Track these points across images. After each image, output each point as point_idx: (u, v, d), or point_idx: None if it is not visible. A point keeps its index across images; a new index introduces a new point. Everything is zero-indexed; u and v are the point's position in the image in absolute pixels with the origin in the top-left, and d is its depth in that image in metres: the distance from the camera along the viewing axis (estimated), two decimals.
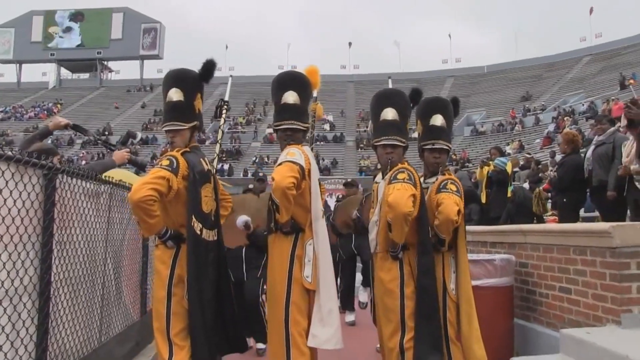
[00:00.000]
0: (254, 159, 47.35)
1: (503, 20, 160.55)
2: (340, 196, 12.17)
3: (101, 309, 4.99)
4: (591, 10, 63.89)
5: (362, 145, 50.22)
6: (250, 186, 7.53)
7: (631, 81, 38.31)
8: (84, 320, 4.51)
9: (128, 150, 5.53)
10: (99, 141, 6.49)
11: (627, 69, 44.24)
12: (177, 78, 4.03)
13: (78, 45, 72.42)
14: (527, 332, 5.41)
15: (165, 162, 3.75)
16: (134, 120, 58.27)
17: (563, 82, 52.43)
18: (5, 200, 3.24)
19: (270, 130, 52.53)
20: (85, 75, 75.06)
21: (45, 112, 60.94)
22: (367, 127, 53.38)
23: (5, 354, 3.28)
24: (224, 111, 4.89)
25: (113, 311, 5.37)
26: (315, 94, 4.64)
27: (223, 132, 4.96)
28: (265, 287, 6.13)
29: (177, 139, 3.95)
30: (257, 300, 6.02)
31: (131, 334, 5.90)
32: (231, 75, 4.99)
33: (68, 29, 72.92)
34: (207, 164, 4.08)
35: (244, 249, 6.13)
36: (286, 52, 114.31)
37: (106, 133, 48.33)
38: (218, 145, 4.86)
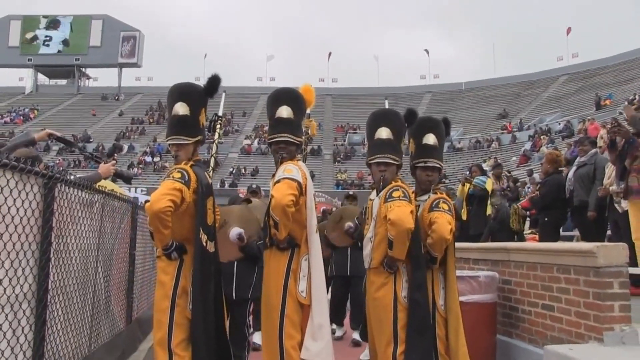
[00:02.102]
0: (231, 169, 47.25)
1: (482, 38, 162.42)
2: (333, 209, 12.06)
3: (91, 317, 5.03)
4: (568, 31, 65.11)
5: (339, 158, 50.37)
6: (242, 196, 7.59)
7: (607, 101, 39.12)
8: (76, 328, 4.56)
9: (114, 162, 5.54)
10: (84, 154, 6.47)
11: (603, 89, 45.09)
12: (183, 92, 4.09)
13: (56, 52, 71.74)
14: (510, 347, 5.53)
15: (177, 175, 3.80)
16: (111, 128, 57.87)
17: (540, 100, 53.18)
18: (9, 208, 3.28)
19: (248, 141, 52.63)
20: (63, 82, 74.31)
21: (22, 117, 60.29)
22: (344, 140, 53.63)
23: (7, 359, 3.31)
24: (218, 126, 4.97)
25: (102, 320, 5.41)
26: (308, 111, 4.74)
27: (217, 146, 5.03)
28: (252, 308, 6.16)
29: (181, 152, 4.00)
30: (244, 321, 6.02)
31: (118, 342, 5.93)
32: (225, 91, 5.06)
33: (46, 35, 72.22)
34: (209, 177, 4.16)
35: (235, 264, 6.08)
36: (265, 64, 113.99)
37: (85, 141, 47.96)
38: (213, 159, 4.93)
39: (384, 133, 4.22)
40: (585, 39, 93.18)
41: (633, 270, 5.22)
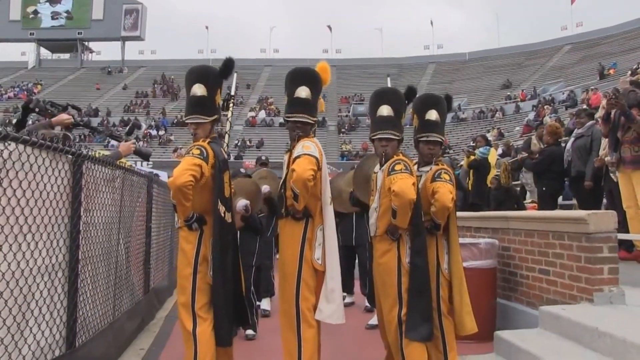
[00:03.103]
0: (236, 142, 47.49)
1: (486, 7, 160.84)
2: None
3: (114, 286, 5.36)
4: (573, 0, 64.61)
5: (343, 129, 50.51)
6: (242, 170, 7.89)
7: (611, 71, 39.03)
8: (102, 295, 4.90)
9: (134, 141, 5.79)
10: (105, 133, 6.70)
11: (606, 58, 44.94)
12: (201, 74, 4.36)
13: (58, 25, 71.45)
14: (509, 310, 5.86)
15: (197, 152, 4.08)
16: (115, 101, 58.00)
17: (543, 70, 53.08)
18: (45, 185, 3.59)
19: (253, 113, 52.79)
20: (66, 56, 74.13)
21: (25, 92, 60.36)
22: (348, 111, 53.73)
23: (47, 322, 3.65)
24: (231, 104, 5.25)
25: (124, 289, 5.74)
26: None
27: (231, 124, 5.29)
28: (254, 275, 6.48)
29: (200, 131, 4.27)
30: (249, 287, 6.35)
31: (138, 310, 6.28)
32: (236, 72, 5.32)
33: (47, 9, 71.81)
34: (225, 153, 4.44)
35: (238, 234, 6.39)
36: (269, 35, 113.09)
37: (91, 116, 48.06)
38: (227, 135, 5.20)
39: (385, 110, 4.50)
40: (590, 8, 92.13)
41: (622, 235, 5.54)
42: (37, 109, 5.04)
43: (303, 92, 4.40)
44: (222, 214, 4.13)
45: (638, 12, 55.56)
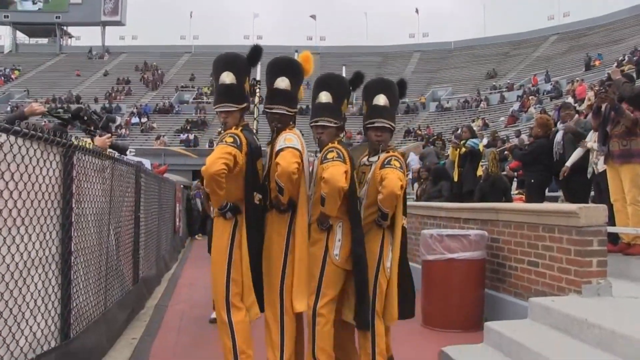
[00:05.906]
0: (219, 129, 47.05)
1: None
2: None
3: (106, 277, 5.35)
4: None
5: None
6: None
7: (596, 62, 39.21)
8: (94, 287, 4.89)
9: (110, 135, 5.71)
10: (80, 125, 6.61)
11: (593, 49, 45.02)
12: (229, 62, 4.29)
13: (36, 9, 69.66)
14: (496, 301, 5.93)
15: (230, 140, 4.00)
16: (96, 88, 57.02)
17: (529, 60, 53.12)
18: (36, 176, 3.57)
19: None
20: (44, 41, 72.32)
21: (2, 78, 59.22)
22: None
23: (42, 314, 3.66)
24: (257, 90, 5.22)
25: (114, 279, 5.74)
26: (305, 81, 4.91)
27: (259, 110, 5.22)
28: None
29: (230, 119, 4.21)
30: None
31: (128, 300, 6.28)
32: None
33: None
34: (257, 140, 4.38)
35: None
36: (252, 22, 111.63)
37: (71, 103, 47.36)
38: (256, 122, 5.14)
39: (323, 97, 4.40)
40: None
41: (611, 229, 5.62)
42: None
43: (282, 82, 4.30)
44: (257, 202, 4.12)
45: (623, 2, 55.16)
